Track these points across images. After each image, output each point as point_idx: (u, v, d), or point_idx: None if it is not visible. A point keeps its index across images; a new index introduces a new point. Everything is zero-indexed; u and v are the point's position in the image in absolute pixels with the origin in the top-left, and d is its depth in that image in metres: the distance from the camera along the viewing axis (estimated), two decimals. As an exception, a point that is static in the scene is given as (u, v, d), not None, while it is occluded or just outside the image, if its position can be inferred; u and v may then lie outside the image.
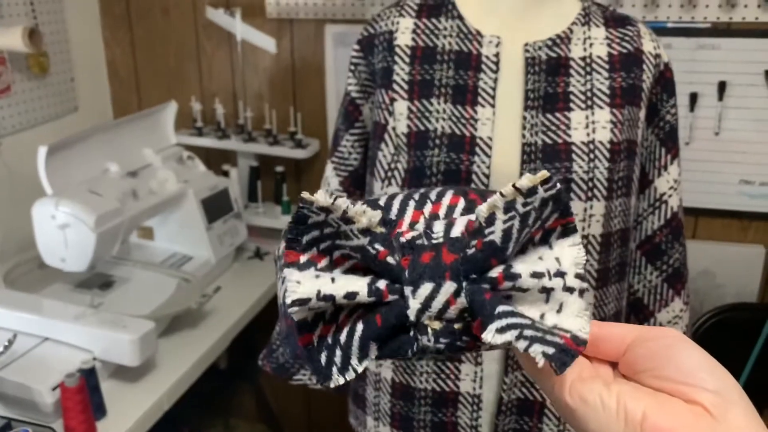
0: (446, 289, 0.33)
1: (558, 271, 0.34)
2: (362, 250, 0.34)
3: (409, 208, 0.37)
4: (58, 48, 1.81)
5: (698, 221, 1.70)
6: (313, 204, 0.33)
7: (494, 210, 0.33)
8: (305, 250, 0.34)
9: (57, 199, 1.31)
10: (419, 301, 0.33)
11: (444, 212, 0.36)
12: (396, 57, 0.96)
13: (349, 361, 0.34)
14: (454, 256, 0.34)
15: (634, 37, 0.96)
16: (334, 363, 0.34)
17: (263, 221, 1.83)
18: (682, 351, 0.35)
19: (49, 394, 1.14)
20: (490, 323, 0.32)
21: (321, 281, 0.33)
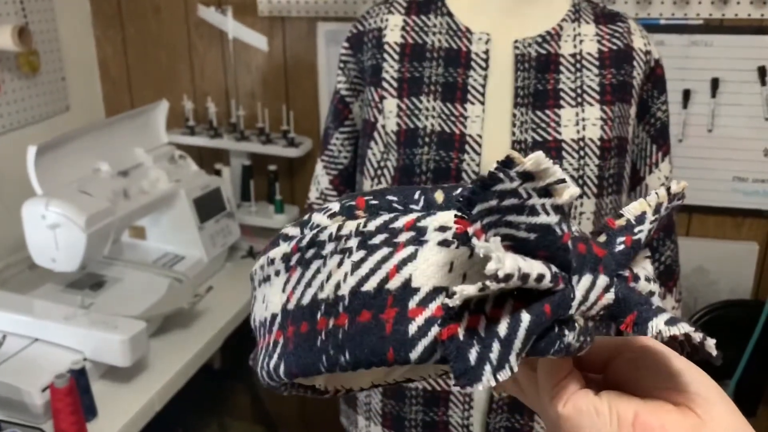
0: (600, 283, 0.32)
1: (653, 276, 0.34)
2: (547, 229, 0.30)
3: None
4: (49, 47, 1.80)
5: (692, 218, 1.70)
6: (516, 166, 0.28)
7: (645, 209, 0.33)
8: (473, 221, 0.29)
9: (47, 199, 1.30)
10: (581, 292, 0.31)
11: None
12: (385, 54, 0.96)
13: (508, 358, 0.29)
14: (603, 251, 0.32)
15: (624, 34, 0.96)
16: (488, 360, 0.28)
17: (256, 220, 1.82)
18: (662, 359, 0.36)
19: (39, 395, 1.13)
20: (653, 317, 0.31)
21: (514, 257, 0.28)
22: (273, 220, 1.81)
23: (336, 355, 0.31)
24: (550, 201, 0.29)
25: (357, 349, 0.30)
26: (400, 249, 0.31)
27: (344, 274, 0.31)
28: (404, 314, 0.30)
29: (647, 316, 0.31)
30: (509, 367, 0.29)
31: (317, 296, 0.32)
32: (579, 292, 0.31)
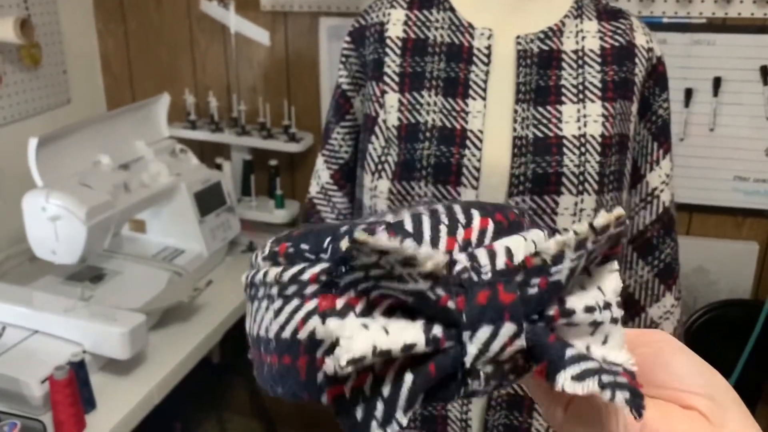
0: (505, 331, 0.30)
1: (605, 302, 0.32)
2: (421, 295, 0.30)
3: (442, 235, 0.32)
4: (51, 39, 1.80)
5: (692, 217, 1.70)
6: (368, 245, 0.28)
7: (564, 248, 0.30)
8: (342, 292, 0.30)
9: (48, 191, 1.30)
10: (477, 345, 0.30)
11: (476, 238, 0.33)
12: (387, 49, 0.95)
13: (393, 415, 0.29)
14: (512, 296, 0.30)
15: (626, 31, 0.95)
16: (373, 417, 0.29)
17: (256, 215, 1.82)
18: (672, 356, 0.35)
19: (38, 387, 1.13)
20: (561, 370, 0.30)
21: (373, 333, 0.29)
22: (273, 215, 1.81)
23: (274, 387, 0.32)
24: (415, 270, 0.29)
25: (285, 387, 0.32)
26: (307, 301, 0.31)
27: (270, 319, 0.32)
28: (314, 363, 0.30)
29: (556, 367, 0.30)
30: (396, 422, 0.29)
31: (259, 331, 0.34)
32: (474, 346, 0.30)
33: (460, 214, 0.33)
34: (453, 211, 0.34)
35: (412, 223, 0.32)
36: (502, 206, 0.35)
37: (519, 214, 0.34)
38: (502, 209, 0.34)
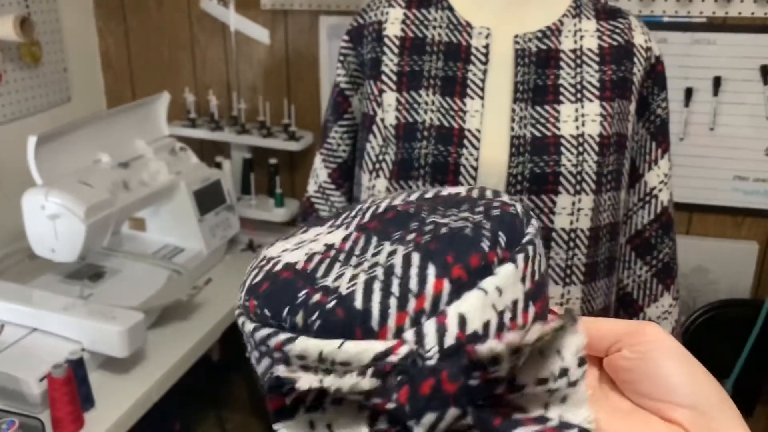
0: (450, 415, 0.30)
1: (561, 369, 0.31)
2: (359, 403, 0.31)
3: (391, 310, 0.31)
4: (51, 38, 1.80)
5: (692, 217, 1.70)
6: (294, 383, 0.29)
7: (500, 354, 0.30)
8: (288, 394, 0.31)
9: (47, 189, 1.30)
10: (423, 429, 0.30)
11: (430, 305, 0.31)
12: (385, 48, 0.95)
13: None
14: (455, 385, 0.30)
15: (625, 30, 0.95)
16: None
17: (256, 214, 1.82)
18: (662, 361, 0.34)
19: (37, 384, 1.13)
20: None
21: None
22: (273, 214, 1.81)
23: None
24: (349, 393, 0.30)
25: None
26: (276, 365, 0.33)
27: (255, 360, 0.35)
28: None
29: None
30: None
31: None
32: (420, 428, 0.30)
33: (414, 277, 0.32)
34: (408, 273, 0.32)
35: (362, 299, 0.32)
36: (469, 242, 0.33)
37: (490, 246, 0.33)
38: (468, 249, 0.33)
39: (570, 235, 0.90)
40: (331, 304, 0.31)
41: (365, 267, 0.33)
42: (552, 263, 0.91)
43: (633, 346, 0.35)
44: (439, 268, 0.32)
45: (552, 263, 0.91)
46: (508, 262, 0.32)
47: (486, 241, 0.33)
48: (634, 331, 0.36)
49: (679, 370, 0.34)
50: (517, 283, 0.32)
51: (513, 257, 0.32)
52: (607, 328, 0.37)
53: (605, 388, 0.37)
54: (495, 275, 0.31)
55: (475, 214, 0.35)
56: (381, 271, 0.32)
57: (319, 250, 0.37)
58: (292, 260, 0.37)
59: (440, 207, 0.37)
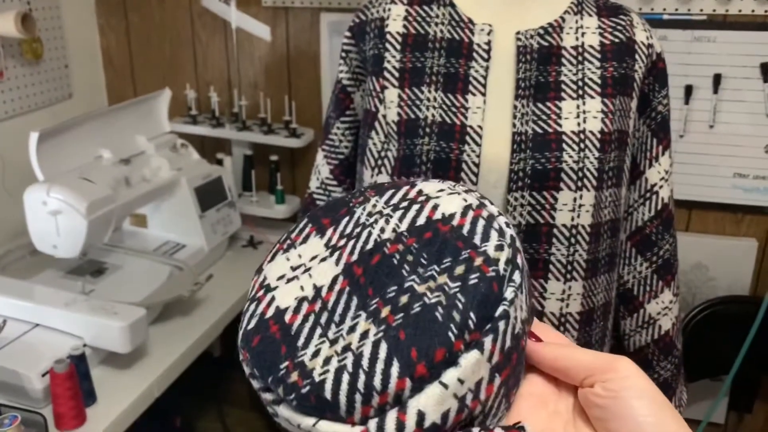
0: None
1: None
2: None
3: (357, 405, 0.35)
4: (52, 34, 1.80)
5: (692, 214, 1.70)
6: None
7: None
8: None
9: (49, 185, 1.30)
10: None
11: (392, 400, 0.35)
12: (387, 44, 0.96)
13: None
14: None
15: (626, 27, 0.96)
16: None
17: (257, 210, 1.82)
18: (629, 401, 0.36)
19: (39, 380, 1.14)
20: None
21: None
22: (274, 210, 1.81)
23: None
24: None
25: None
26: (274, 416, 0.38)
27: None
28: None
29: None
30: None
31: None
32: None
33: (378, 374, 0.35)
34: (374, 368, 0.35)
35: (331, 390, 0.35)
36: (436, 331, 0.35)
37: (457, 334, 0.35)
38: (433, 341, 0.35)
39: (571, 231, 0.91)
40: (305, 389, 0.36)
41: (338, 348, 0.37)
42: (553, 259, 0.92)
43: (605, 382, 0.37)
44: (402, 367, 0.35)
45: (553, 259, 0.92)
46: (473, 349, 0.35)
47: (454, 329, 0.35)
48: (607, 367, 0.37)
49: (648, 410, 0.35)
50: (482, 365, 0.35)
51: (480, 342, 0.35)
52: (582, 360, 0.39)
53: (578, 422, 0.39)
54: (458, 366, 0.34)
55: (453, 279, 0.37)
56: (350, 362, 0.36)
57: (309, 295, 0.41)
58: (282, 305, 0.41)
59: (424, 257, 0.39)
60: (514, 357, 0.37)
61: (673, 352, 1.07)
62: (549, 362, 0.40)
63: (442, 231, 0.41)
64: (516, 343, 0.37)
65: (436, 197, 0.44)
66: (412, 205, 0.44)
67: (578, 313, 0.95)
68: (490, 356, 0.35)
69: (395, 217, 0.43)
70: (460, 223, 0.41)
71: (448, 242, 0.40)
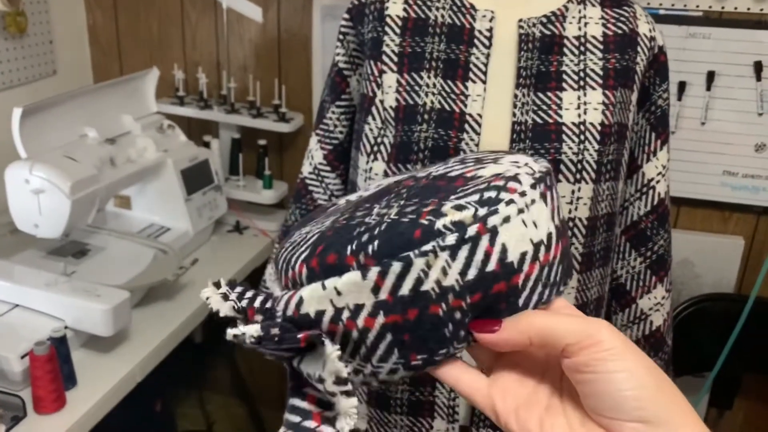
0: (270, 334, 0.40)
1: (320, 376, 0.38)
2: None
3: (283, 273, 0.44)
4: (37, 8, 1.75)
5: (680, 210, 1.70)
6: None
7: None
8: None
9: (31, 163, 1.27)
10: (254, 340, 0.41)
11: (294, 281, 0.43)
12: (386, 27, 0.94)
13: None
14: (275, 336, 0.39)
15: (630, 18, 0.94)
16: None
17: (244, 195, 1.80)
18: (607, 376, 0.35)
19: (18, 362, 1.11)
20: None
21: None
22: (261, 196, 1.78)
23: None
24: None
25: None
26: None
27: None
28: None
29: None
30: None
31: None
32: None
33: (296, 255, 0.43)
34: (299, 249, 0.43)
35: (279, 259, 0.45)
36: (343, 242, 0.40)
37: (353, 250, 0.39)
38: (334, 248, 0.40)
39: (568, 224, 0.90)
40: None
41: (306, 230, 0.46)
42: None
43: (584, 355, 0.36)
44: (307, 256, 0.41)
45: None
46: (358, 270, 0.38)
47: (353, 245, 0.39)
48: (589, 335, 0.36)
49: (628, 383, 0.34)
50: (363, 290, 0.38)
51: (367, 268, 0.38)
52: (561, 332, 0.37)
53: (565, 395, 0.38)
54: (339, 277, 0.38)
55: (398, 213, 0.40)
56: (303, 240, 0.44)
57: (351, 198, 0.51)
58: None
59: (415, 194, 0.42)
60: (412, 313, 0.38)
61: (664, 348, 1.07)
62: (523, 344, 0.38)
63: (451, 181, 0.42)
64: (421, 303, 0.37)
65: (492, 161, 0.43)
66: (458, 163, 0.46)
67: (572, 306, 0.94)
68: (374, 288, 0.37)
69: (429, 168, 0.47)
70: (470, 182, 0.41)
71: (439, 189, 0.41)
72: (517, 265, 0.38)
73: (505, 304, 0.39)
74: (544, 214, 0.39)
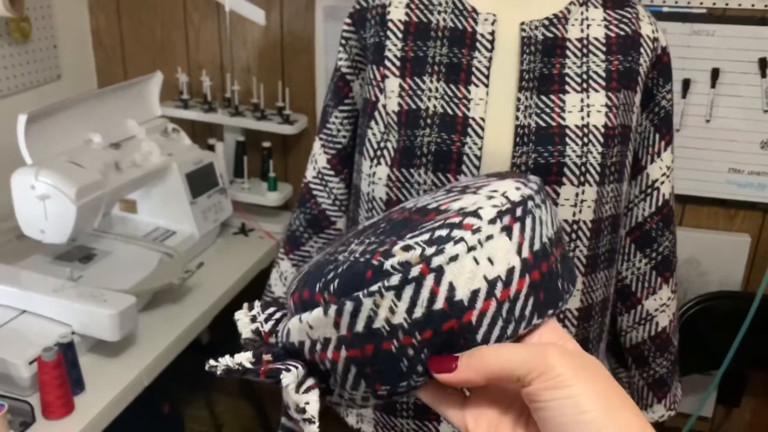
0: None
1: (284, 404, 0.43)
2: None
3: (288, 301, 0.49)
4: (41, 13, 1.76)
5: (685, 208, 1.70)
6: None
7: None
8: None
9: (37, 169, 1.27)
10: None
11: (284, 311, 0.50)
12: (389, 32, 0.94)
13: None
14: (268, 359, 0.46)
15: (632, 20, 0.94)
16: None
17: (249, 197, 1.80)
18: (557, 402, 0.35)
19: (26, 368, 1.12)
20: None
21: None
22: (266, 198, 1.79)
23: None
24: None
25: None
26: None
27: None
28: None
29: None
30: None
31: None
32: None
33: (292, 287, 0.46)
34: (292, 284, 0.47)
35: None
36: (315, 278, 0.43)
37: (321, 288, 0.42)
38: (309, 284, 0.43)
39: (572, 227, 0.90)
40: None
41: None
42: None
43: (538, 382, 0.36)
44: (294, 289, 0.45)
45: None
46: (320, 307, 0.41)
47: (321, 283, 0.42)
48: (537, 365, 0.36)
49: (575, 408, 0.35)
50: (327, 326, 0.40)
51: (328, 305, 0.40)
52: (514, 360, 0.37)
53: (530, 419, 0.38)
54: (310, 313, 0.41)
55: (364, 253, 0.41)
56: (302, 272, 0.48)
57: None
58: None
59: (387, 228, 0.44)
60: (369, 348, 0.40)
61: (670, 349, 1.07)
62: (481, 381, 0.38)
63: (424, 215, 0.43)
64: (375, 339, 0.39)
65: (473, 190, 0.44)
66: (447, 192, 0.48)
67: (577, 309, 0.94)
68: (335, 324, 0.40)
69: (431, 193, 0.50)
70: (438, 216, 0.41)
71: (407, 225, 0.43)
72: (468, 303, 0.38)
73: (463, 340, 0.39)
74: (503, 249, 0.39)
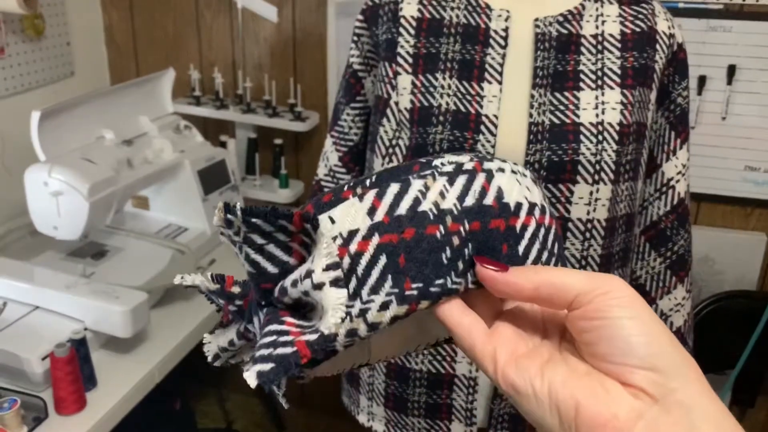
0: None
1: (307, 271, 0.36)
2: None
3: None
4: (54, 11, 1.77)
5: (700, 206, 1.68)
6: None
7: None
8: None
9: (50, 165, 1.28)
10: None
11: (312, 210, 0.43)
12: (401, 28, 0.93)
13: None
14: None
15: (648, 16, 0.93)
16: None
17: (260, 194, 1.80)
18: (619, 322, 0.33)
19: (39, 363, 1.12)
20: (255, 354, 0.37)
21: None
22: (277, 195, 1.79)
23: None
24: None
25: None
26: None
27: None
28: None
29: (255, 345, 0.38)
30: None
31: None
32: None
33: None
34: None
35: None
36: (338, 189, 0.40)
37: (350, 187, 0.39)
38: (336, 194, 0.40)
39: (586, 226, 0.89)
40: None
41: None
42: (567, 253, 0.90)
43: (595, 302, 0.34)
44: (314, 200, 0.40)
45: (567, 253, 0.90)
46: (360, 197, 0.37)
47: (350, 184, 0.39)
48: (599, 285, 0.34)
49: (639, 329, 0.33)
50: (358, 215, 0.37)
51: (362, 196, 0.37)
52: (571, 281, 0.35)
53: (565, 353, 0.36)
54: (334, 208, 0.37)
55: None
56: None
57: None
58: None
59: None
60: (409, 232, 0.36)
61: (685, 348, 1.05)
62: (529, 292, 0.36)
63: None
64: (419, 222, 0.36)
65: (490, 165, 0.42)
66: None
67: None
68: (371, 209, 0.36)
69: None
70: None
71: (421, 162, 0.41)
72: (514, 209, 0.37)
73: (506, 246, 0.37)
74: (536, 189, 0.39)
